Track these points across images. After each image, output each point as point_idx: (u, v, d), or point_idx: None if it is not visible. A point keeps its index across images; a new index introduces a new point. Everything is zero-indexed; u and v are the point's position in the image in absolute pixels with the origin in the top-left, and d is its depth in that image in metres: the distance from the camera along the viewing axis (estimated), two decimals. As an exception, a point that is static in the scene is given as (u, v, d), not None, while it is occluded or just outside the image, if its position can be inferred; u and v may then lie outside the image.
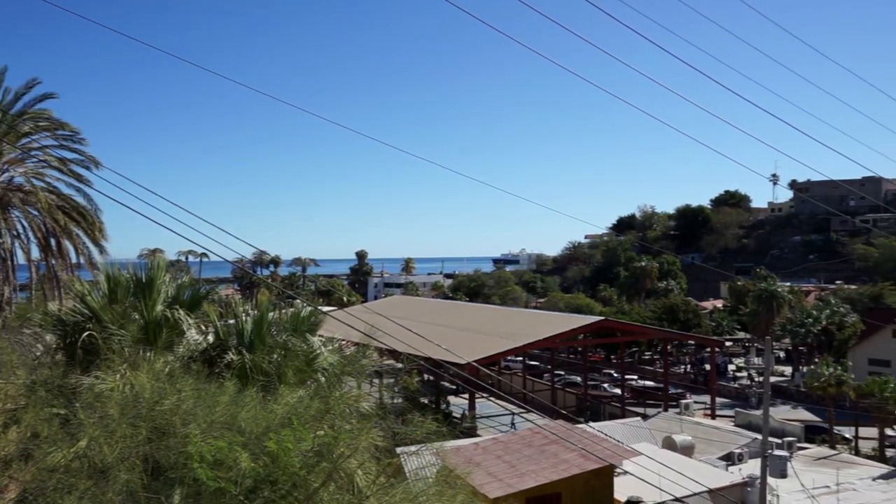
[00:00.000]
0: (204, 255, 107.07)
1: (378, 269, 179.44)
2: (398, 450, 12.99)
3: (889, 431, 44.89)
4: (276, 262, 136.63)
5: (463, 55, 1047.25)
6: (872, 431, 45.39)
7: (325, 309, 37.32)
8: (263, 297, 15.66)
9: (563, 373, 69.13)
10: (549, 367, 66.07)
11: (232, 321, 15.15)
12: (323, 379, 13.52)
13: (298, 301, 19.09)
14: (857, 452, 43.53)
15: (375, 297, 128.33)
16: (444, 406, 47.08)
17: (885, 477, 34.95)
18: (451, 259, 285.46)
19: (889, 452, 43.36)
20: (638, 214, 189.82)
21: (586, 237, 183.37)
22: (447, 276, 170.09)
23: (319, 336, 15.87)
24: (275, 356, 13.48)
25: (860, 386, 45.60)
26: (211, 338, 14.80)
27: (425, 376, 50.54)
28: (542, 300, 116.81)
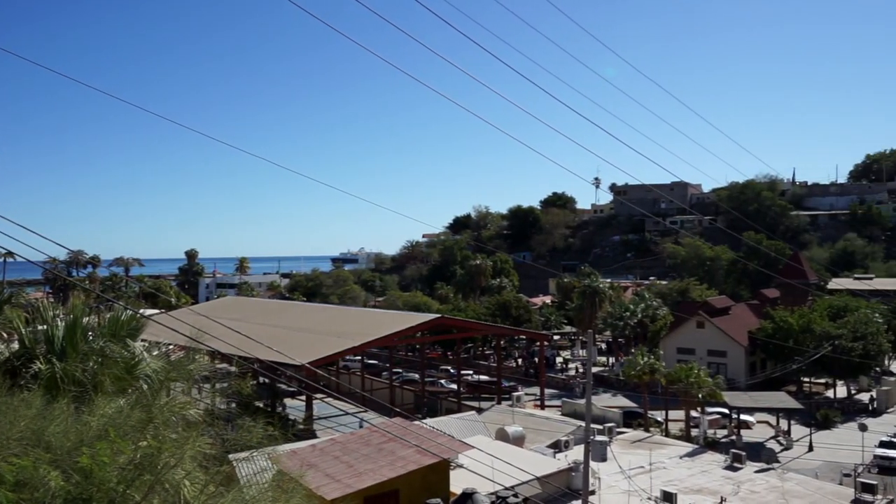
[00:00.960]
0: (8, 254, 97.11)
1: (210, 269, 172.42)
2: (230, 456, 12.51)
3: (693, 413, 49.49)
4: (94, 262, 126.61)
5: (302, 55, 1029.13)
6: (680, 414, 49.86)
7: (150, 312, 35.08)
8: (78, 300, 14.43)
9: (401, 370, 69.81)
10: (388, 365, 66.46)
11: (41, 327, 13.85)
12: (146, 386, 12.70)
13: (119, 304, 17.81)
14: (668, 434, 47.61)
15: (207, 299, 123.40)
16: (280, 409, 45.87)
17: (690, 455, 38.55)
18: (288, 258, 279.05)
19: (693, 432, 47.83)
20: (473, 214, 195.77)
21: (424, 236, 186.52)
22: (284, 275, 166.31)
23: (143, 341, 14.92)
24: (90, 364, 12.49)
25: (670, 373, 49.90)
26: (15, 346, 13.46)
27: (261, 379, 49.06)
28: (380, 299, 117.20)
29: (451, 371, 71.05)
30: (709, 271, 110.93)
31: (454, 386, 61.44)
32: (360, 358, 68.69)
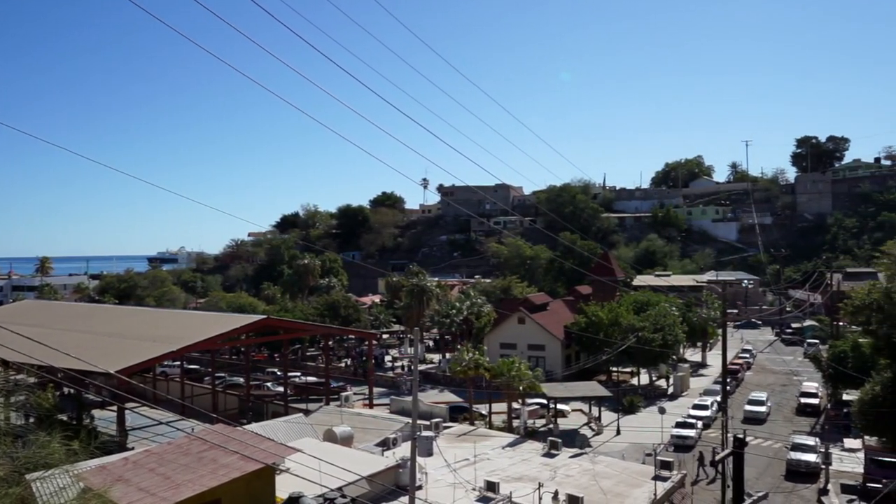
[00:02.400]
0: None
1: (5, 270, 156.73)
2: (28, 476, 11.37)
3: (515, 405, 51.85)
4: None
5: (129, 47, 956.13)
6: (503, 406, 52.03)
7: (-72, 319, 31.06)
8: None
9: (224, 375, 67.05)
10: (210, 369, 63.57)
11: None
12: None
13: None
14: (491, 426, 49.50)
15: (1, 303, 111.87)
16: (87, 421, 42.34)
17: (511, 445, 40.36)
18: (97, 258, 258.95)
19: (515, 423, 50.12)
20: (301, 213, 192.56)
21: (250, 235, 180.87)
22: (93, 276, 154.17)
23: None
24: None
25: (493, 367, 51.88)
26: None
27: (66, 390, 45.09)
28: (202, 300, 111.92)
29: (278, 373, 69.33)
30: (529, 269, 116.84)
31: (281, 388, 60.00)
32: (179, 363, 65.15)
